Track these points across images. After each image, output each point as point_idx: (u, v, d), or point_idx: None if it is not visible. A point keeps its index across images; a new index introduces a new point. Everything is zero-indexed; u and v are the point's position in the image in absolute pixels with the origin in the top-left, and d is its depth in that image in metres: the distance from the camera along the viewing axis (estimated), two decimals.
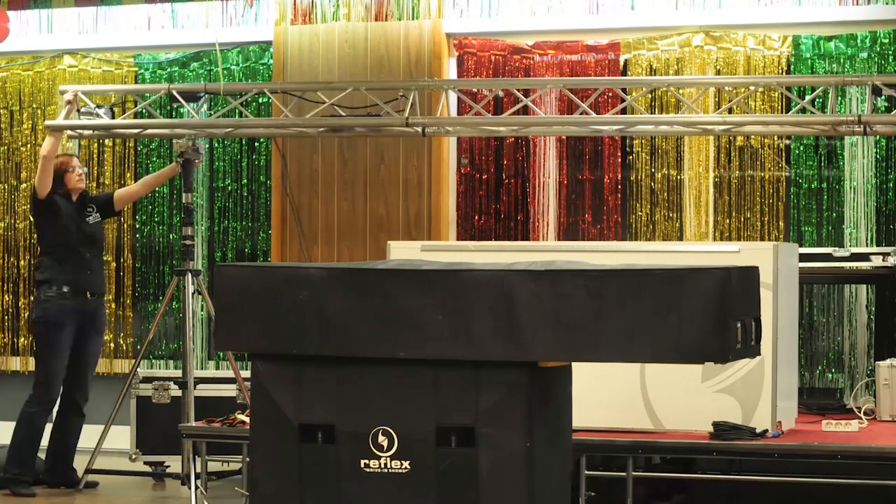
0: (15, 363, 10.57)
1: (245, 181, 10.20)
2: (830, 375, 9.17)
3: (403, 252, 7.64)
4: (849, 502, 7.21)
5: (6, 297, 10.62)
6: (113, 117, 9.28)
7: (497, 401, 5.02)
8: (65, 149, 9.55)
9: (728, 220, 9.30)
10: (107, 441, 8.72)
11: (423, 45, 9.57)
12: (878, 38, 9.09)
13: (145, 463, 8.95)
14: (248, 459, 7.02)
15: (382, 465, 5.13)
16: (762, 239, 9.20)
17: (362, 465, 5.14)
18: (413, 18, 9.61)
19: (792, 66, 9.19)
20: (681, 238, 9.31)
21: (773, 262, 7.10)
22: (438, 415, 5.08)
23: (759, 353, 5.20)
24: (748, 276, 5.10)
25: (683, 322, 4.83)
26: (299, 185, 9.75)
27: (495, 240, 9.58)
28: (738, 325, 4.90)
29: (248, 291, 5.29)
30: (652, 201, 9.42)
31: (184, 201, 8.77)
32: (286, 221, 9.80)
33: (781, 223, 9.26)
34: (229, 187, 10.23)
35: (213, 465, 8.48)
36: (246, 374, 7.97)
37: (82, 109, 9.28)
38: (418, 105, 8.46)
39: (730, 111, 8.41)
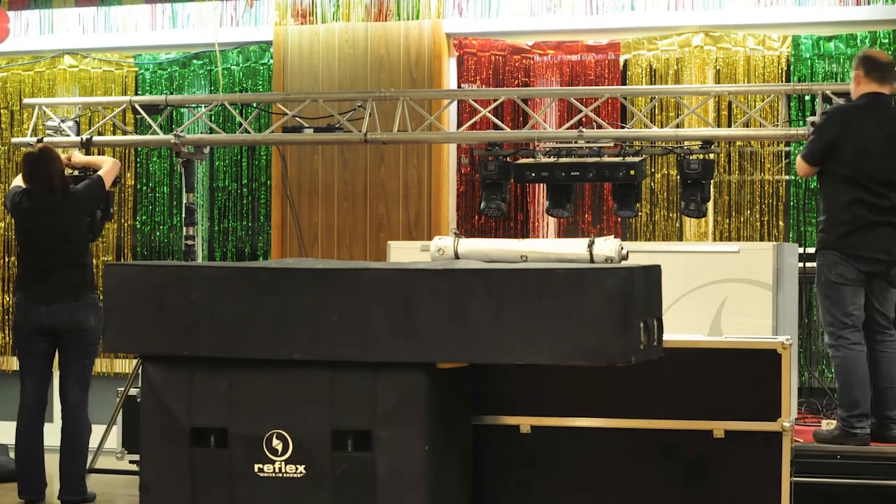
0: (15, 363, 10.52)
1: (245, 181, 10.19)
2: (830, 375, 9.16)
3: (403, 252, 7.63)
4: (849, 502, 7.20)
5: (6, 297, 10.60)
6: (78, 130, 9.28)
7: (395, 403, 4.88)
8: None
9: (728, 221, 9.29)
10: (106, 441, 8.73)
11: (423, 46, 9.56)
12: (878, 38, 9.08)
13: (131, 462, 8.95)
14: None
15: (277, 470, 4.98)
16: (762, 239, 9.19)
17: (256, 470, 5.00)
18: (413, 19, 9.60)
19: (792, 67, 9.18)
20: (681, 238, 9.30)
21: (773, 262, 7.10)
22: (334, 418, 4.92)
23: (661, 354, 5.01)
24: (651, 276, 4.95)
25: (585, 323, 4.68)
26: (299, 185, 9.74)
27: None
28: (641, 325, 4.75)
29: (138, 291, 5.12)
30: (652, 201, 9.41)
31: (185, 201, 8.76)
32: (286, 222, 9.79)
33: (781, 223, 9.25)
34: (229, 187, 10.22)
35: None
36: None
37: (47, 123, 9.26)
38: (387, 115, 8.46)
39: (678, 126, 8.56)
